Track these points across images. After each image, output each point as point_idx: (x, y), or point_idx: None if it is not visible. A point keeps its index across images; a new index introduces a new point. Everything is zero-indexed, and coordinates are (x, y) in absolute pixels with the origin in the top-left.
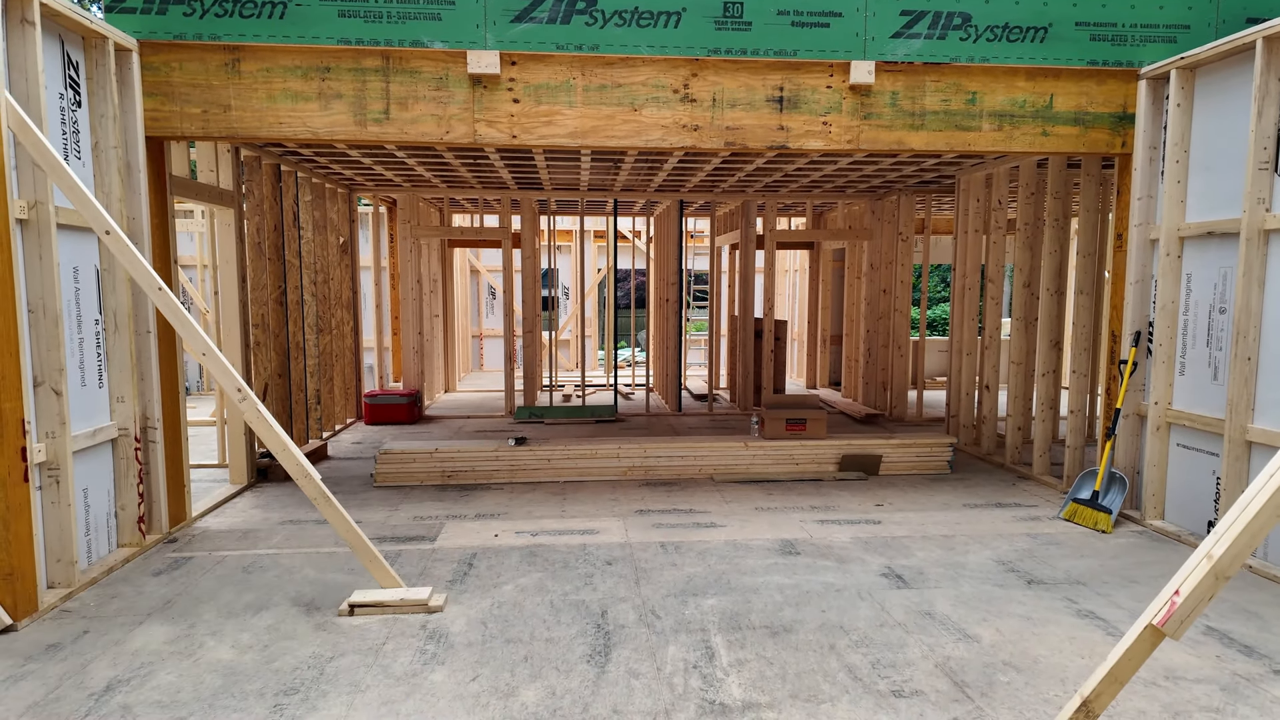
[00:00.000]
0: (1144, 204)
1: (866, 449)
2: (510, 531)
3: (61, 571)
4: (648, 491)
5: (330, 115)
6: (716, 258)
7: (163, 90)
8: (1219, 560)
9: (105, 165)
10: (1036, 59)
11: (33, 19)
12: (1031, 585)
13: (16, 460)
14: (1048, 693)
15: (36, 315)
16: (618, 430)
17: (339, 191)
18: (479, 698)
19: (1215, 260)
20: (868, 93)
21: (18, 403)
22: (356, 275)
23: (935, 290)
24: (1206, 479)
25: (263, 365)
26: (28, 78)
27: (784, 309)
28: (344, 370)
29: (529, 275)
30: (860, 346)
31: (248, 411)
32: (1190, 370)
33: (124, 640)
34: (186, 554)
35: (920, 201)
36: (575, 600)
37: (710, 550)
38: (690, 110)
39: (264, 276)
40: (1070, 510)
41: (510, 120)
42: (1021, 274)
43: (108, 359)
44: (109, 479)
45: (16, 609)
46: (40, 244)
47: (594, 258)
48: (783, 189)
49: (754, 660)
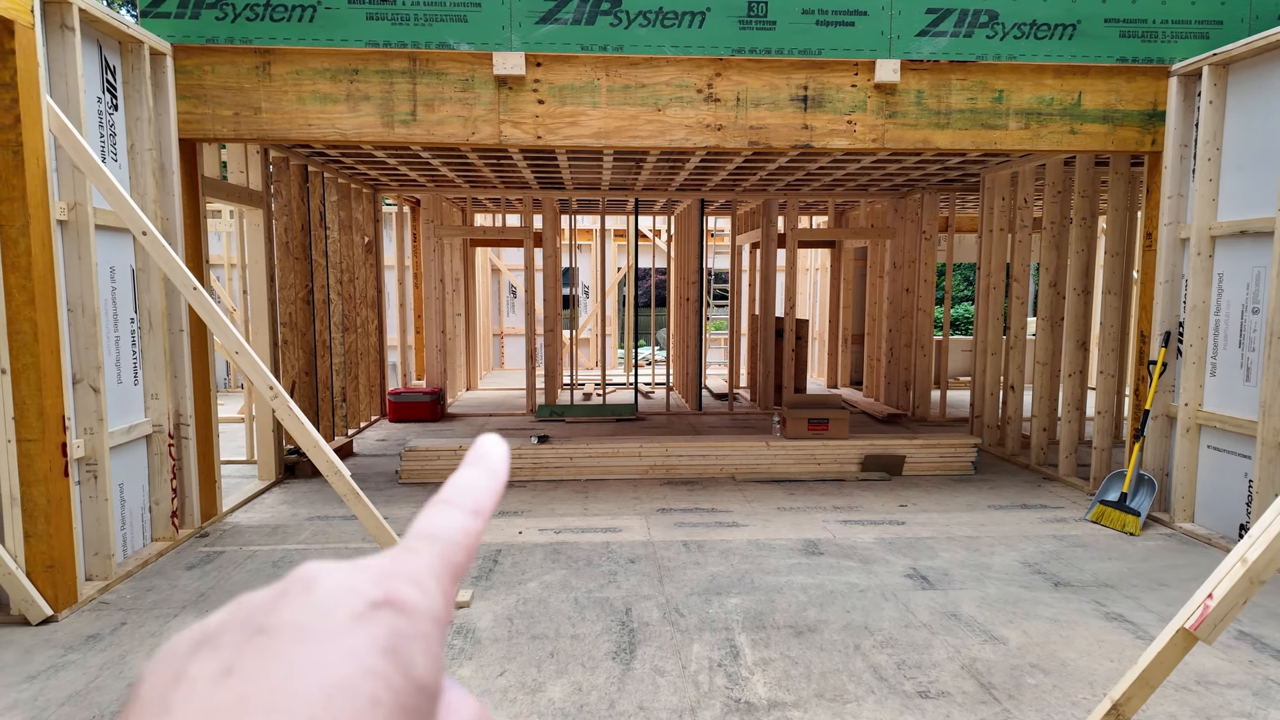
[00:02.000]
0: (1174, 202)
1: (889, 449)
2: (534, 529)
3: (99, 564)
4: (669, 490)
5: (358, 117)
6: (737, 256)
7: (195, 93)
8: (1254, 564)
9: (140, 167)
10: (1065, 56)
11: (72, 25)
12: (1058, 587)
13: (57, 455)
14: (1076, 695)
15: (75, 314)
16: (639, 429)
17: (364, 192)
18: (506, 693)
19: (1248, 260)
20: (893, 91)
21: (58, 399)
22: (381, 274)
23: (959, 289)
24: (1238, 481)
25: (290, 363)
26: (67, 82)
27: (805, 308)
28: (369, 368)
29: (550, 274)
30: (882, 346)
31: (279, 409)
32: (1222, 371)
33: (160, 632)
34: (218, 548)
35: (944, 199)
36: (599, 598)
37: (733, 549)
38: (714, 110)
39: (291, 276)
40: (1098, 512)
41: (535, 121)
42: (1048, 273)
43: (142, 357)
44: (144, 474)
45: (57, 600)
46: (79, 244)
47: (614, 256)
48: (805, 187)
49: (779, 659)
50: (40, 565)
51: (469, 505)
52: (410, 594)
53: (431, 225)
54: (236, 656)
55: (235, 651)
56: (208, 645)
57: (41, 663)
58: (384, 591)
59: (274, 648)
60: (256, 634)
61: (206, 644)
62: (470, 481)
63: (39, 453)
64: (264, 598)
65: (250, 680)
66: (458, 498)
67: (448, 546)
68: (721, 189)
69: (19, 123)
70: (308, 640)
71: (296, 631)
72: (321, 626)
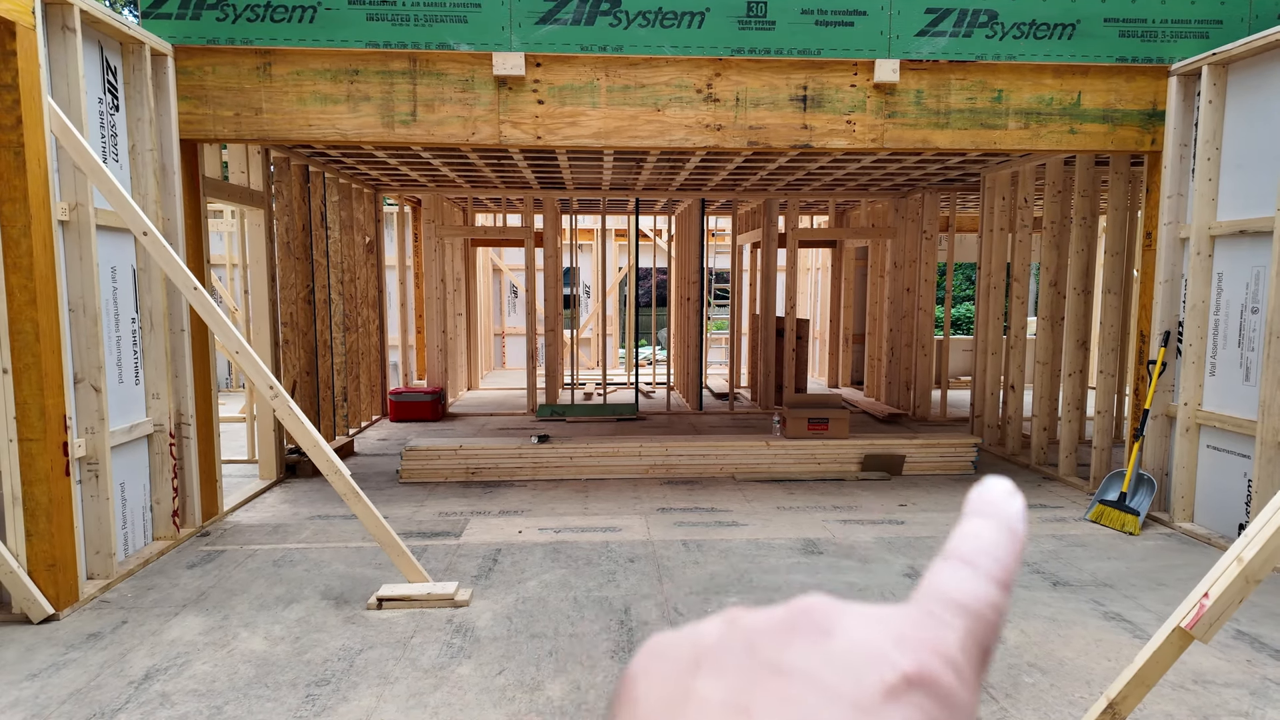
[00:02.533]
0: (1174, 202)
1: (889, 449)
2: (534, 528)
3: (100, 563)
4: (669, 490)
5: (359, 117)
6: (738, 256)
7: (196, 94)
8: (1250, 563)
9: (142, 167)
10: (1064, 56)
11: (73, 26)
12: (1057, 587)
13: (59, 455)
14: (1073, 694)
15: (77, 314)
16: (639, 428)
17: (365, 192)
18: (505, 691)
19: (1247, 259)
20: (892, 91)
21: (60, 399)
22: (382, 274)
23: (959, 289)
24: (1237, 481)
25: (291, 363)
26: (69, 83)
27: (806, 307)
28: (370, 368)
29: (551, 274)
30: (883, 345)
31: (280, 408)
32: (1221, 371)
33: (161, 631)
34: (219, 547)
35: (944, 199)
36: (599, 597)
37: (732, 549)
38: (713, 110)
39: (292, 276)
40: (1097, 512)
41: (535, 121)
42: (1048, 273)
43: (144, 356)
44: (145, 473)
45: (59, 599)
46: (81, 244)
47: (615, 256)
48: (805, 187)
49: None
50: (42, 564)
51: (996, 573)
52: (948, 679)
53: (432, 225)
54: (750, 694)
55: (747, 686)
56: (710, 665)
57: (43, 661)
58: (918, 666)
59: (794, 697)
60: (771, 674)
61: (709, 663)
62: (990, 542)
63: (40, 452)
64: (768, 625)
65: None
66: (980, 560)
67: (979, 624)
68: (722, 189)
69: (21, 124)
70: (834, 702)
71: (819, 688)
72: (849, 691)
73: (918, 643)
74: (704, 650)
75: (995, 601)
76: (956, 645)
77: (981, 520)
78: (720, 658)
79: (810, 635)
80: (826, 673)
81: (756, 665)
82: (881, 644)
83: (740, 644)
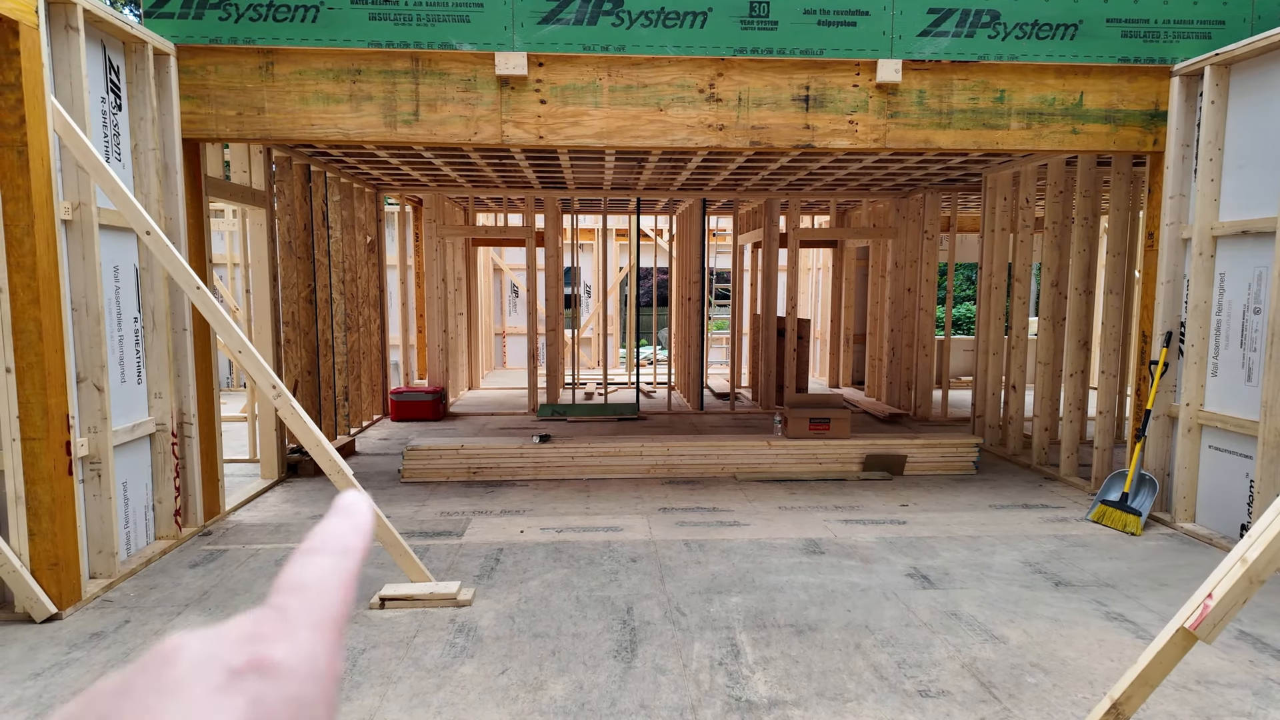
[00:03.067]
0: (1176, 202)
1: (891, 449)
2: (535, 528)
3: (103, 562)
4: (670, 489)
5: (361, 117)
6: (739, 256)
7: (199, 93)
8: (1253, 564)
9: (144, 167)
10: (1066, 56)
11: (76, 25)
12: (1059, 587)
13: (61, 454)
14: (1076, 695)
15: (79, 313)
16: (640, 428)
17: (366, 191)
18: (508, 690)
19: (1250, 260)
20: (894, 91)
21: (63, 398)
22: (383, 274)
23: (960, 289)
24: (1239, 481)
25: (293, 362)
26: (72, 83)
27: (807, 307)
28: (371, 367)
29: (552, 274)
30: (884, 345)
31: (282, 408)
32: (1223, 371)
33: (164, 630)
34: (221, 547)
35: (946, 199)
36: (601, 596)
37: (734, 549)
38: (716, 110)
39: (294, 275)
40: (1099, 512)
41: (537, 121)
42: (1049, 273)
43: (146, 356)
44: (147, 473)
45: (62, 598)
46: (83, 244)
47: (616, 256)
48: (807, 187)
49: (779, 658)
50: (44, 563)
51: (335, 547)
52: (279, 653)
53: (434, 225)
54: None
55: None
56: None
57: (46, 660)
58: (246, 656)
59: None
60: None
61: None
62: (332, 528)
63: (43, 451)
64: (115, 684)
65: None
66: (321, 544)
67: (320, 592)
68: (723, 189)
69: (24, 123)
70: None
71: (147, 717)
72: (174, 707)
73: (253, 635)
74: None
75: (335, 567)
76: (297, 619)
77: (330, 519)
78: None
79: (153, 674)
80: (158, 701)
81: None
82: (216, 651)
83: (90, 712)
